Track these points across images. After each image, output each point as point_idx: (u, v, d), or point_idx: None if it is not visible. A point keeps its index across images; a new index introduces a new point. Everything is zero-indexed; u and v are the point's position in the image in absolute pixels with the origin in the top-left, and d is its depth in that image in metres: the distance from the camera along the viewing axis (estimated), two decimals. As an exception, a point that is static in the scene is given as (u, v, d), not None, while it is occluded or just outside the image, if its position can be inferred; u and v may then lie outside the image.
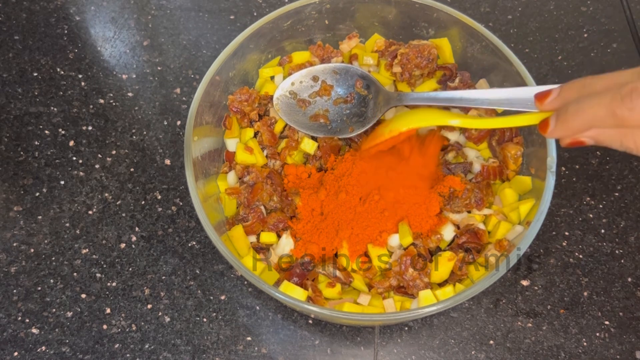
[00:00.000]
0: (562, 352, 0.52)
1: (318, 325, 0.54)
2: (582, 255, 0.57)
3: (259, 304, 0.55)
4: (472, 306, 0.54)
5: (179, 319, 0.54)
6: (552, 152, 0.48)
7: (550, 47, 0.70)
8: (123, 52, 0.71)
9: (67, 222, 0.59)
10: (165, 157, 0.63)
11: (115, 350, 0.52)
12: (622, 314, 0.53)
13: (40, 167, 0.62)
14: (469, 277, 0.49)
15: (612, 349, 0.52)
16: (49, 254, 0.57)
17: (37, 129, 0.65)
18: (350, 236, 0.51)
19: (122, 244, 0.58)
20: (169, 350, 0.52)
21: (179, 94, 0.67)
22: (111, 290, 0.55)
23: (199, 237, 0.58)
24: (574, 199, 0.59)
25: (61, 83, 0.68)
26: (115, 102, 0.67)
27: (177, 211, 0.60)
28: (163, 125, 0.65)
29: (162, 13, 0.74)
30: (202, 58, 0.70)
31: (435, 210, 0.52)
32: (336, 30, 0.62)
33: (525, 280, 0.55)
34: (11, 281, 0.56)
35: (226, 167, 0.57)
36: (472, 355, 0.52)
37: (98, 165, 0.62)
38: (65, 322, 0.54)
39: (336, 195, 0.52)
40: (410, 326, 0.53)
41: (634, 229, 0.58)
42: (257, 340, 0.53)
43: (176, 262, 0.57)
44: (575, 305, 0.54)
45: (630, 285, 0.55)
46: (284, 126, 0.58)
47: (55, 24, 0.73)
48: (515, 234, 0.49)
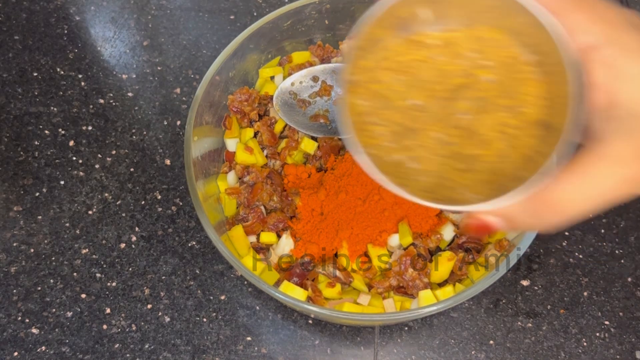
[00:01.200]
0: (562, 352, 0.52)
1: (318, 325, 0.54)
2: (582, 255, 0.57)
3: (259, 304, 0.55)
4: (472, 306, 0.54)
5: (178, 319, 0.54)
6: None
7: (550, 47, 0.70)
8: (123, 52, 0.71)
9: (67, 222, 0.59)
10: (165, 157, 0.63)
11: (115, 350, 0.52)
12: (622, 314, 0.53)
13: (40, 167, 0.62)
14: (469, 277, 0.49)
15: (612, 349, 0.52)
16: (49, 254, 0.57)
17: (37, 129, 0.65)
18: (350, 236, 0.51)
19: (122, 244, 0.58)
20: (168, 350, 0.52)
21: (179, 94, 0.67)
22: (111, 290, 0.55)
23: (199, 237, 0.58)
24: (574, 199, 0.59)
25: (61, 83, 0.68)
26: (115, 102, 0.67)
27: (177, 211, 0.60)
28: (163, 125, 0.65)
29: (162, 13, 0.74)
30: (202, 58, 0.70)
31: (435, 210, 0.52)
32: (336, 30, 0.62)
33: (525, 280, 0.55)
34: (11, 281, 0.56)
35: (226, 167, 0.57)
36: (472, 355, 0.52)
37: (98, 165, 0.62)
38: (65, 322, 0.54)
39: (336, 195, 0.52)
40: (410, 326, 0.53)
41: (634, 229, 0.58)
42: (257, 340, 0.53)
43: (176, 262, 0.57)
44: (575, 305, 0.54)
45: (630, 285, 0.55)
46: (284, 126, 0.58)
47: (55, 24, 0.73)
48: (515, 234, 0.49)
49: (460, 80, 0.33)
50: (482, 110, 0.32)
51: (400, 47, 0.33)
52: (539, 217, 0.29)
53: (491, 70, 0.32)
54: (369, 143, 0.33)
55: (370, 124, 0.33)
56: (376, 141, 0.33)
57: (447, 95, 0.33)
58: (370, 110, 0.33)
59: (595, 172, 0.27)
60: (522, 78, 0.31)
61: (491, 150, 0.32)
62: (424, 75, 0.33)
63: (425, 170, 0.33)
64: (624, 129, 0.27)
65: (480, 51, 0.33)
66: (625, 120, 0.27)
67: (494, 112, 0.32)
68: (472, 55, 0.32)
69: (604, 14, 0.28)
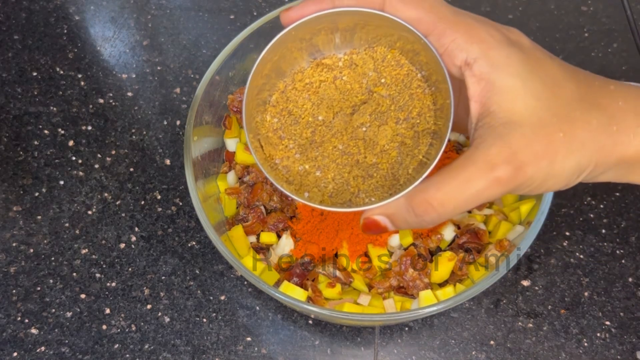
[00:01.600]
0: (562, 352, 0.52)
1: (318, 325, 0.54)
2: (583, 255, 0.56)
3: (259, 304, 0.55)
4: (472, 306, 0.54)
5: (178, 319, 0.54)
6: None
7: (550, 47, 0.70)
8: (123, 51, 0.71)
9: (66, 222, 0.59)
10: (165, 157, 0.63)
11: (114, 350, 0.52)
12: (623, 314, 0.53)
13: (39, 167, 0.62)
14: (470, 278, 0.49)
15: (613, 349, 0.52)
16: (49, 254, 0.57)
17: (37, 128, 0.65)
18: (350, 236, 0.51)
19: (121, 244, 0.58)
20: (168, 350, 0.52)
21: (178, 94, 0.67)
22: (111, 290, 0.55)
23: (199, 237, 0.58)
24: (574, 199, 0.59)
25: (61, 83, 0.68)
26: (114, 101, 0.67)
27: (177, 211, 0.60)
28: (163, 125, 0.65)
29: (162, 13, 0.74)
30: (202, 58, 0.70)
31: (435, 210, 0.52)
32: (336, 30, 0.62)
33: (525, 281, 0.55)
34: (10, 281, 0.56)
35: (226, 167, 0.57)
36: (472, 355, 0.52)
37: (97, 165, 0.62)
38: (64, 322, 0.54)
39: (336, 195, 0.52)
40: (411, 326, 0.53)
41: (634, 229, 0.58)
42: (257, 340, 0.53)
43: (176, 262, 0.57)
44: (576, 306, 0.54)
45: (631, 285, 0.55)
46: (284, 126, 0.58)
47: (55, 24, 0.73)
48: (516, 234, 0.49)
49: (362, 97, 0.38)
50: (381, 123, 0.37)
51: (310, 70, 0.39)
52: (418, 215, 0.32)
53: (388, 87, 0.38)
54: (282, 155, 0.38)
55: (282, 138, 0.39)
56: (287, 154, 0.38)
57: (350, 110, 0.38)
58: (281, 126, 0.39)
59: (469, 175, 0.30)
60: (414, 93, 0.37)
61: (388, 158, 0.37)
62: (330, 94, 0.39)
63: (330, 178, 0.37)
64: (495, 135, 0.30)
65: (379, 70, 0.38)
66: (496, 128, 0.30)
67: (391, 124, 0.37)
68: (372, 74, 0.38)
69: (478, 33, 0.32)
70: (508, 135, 0.30)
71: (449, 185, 0.31)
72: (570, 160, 0.31)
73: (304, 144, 0.38)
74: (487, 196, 0.31)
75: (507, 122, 0.30)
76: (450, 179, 0.31)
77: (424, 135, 0.36)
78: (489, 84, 0.31)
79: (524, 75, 0.31)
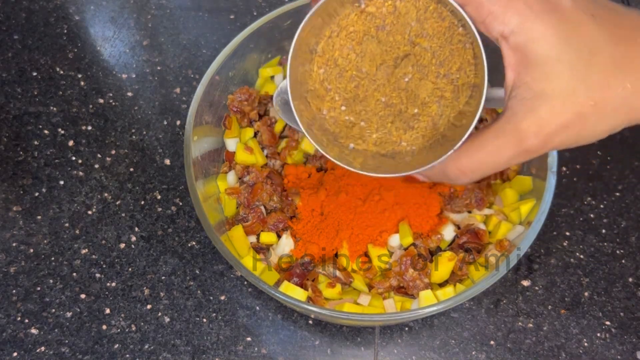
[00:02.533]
0: (562, 352, 0.52)
1: (318, 325, 0.53)
2: (583, 255, 0.56)
3: (259, 304, 0.55)
4: (472, 306, 0.54)
5: (178, 319, 0.54)
6: (553, 152, 0.48)
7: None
8: (123, 51, 0.71)
9: (66, 222, 0.59)
10: (165, 157, 0.63)
11: (114, 350, 0.52)
12: (623, 314, 0.53)
13: (39, 167, 0.62)
14: (470, 278, 0.49)
15: (613, 349, 0.52)
16: (49, 254, 0.57)
17: (37, 128, 0.65)
18: (350, 236, 0.51)
19: (121, 244, 0.58)
20: (168, 350, 0.52)
21: (178, 94, 0.67)
22: (111, 290, 0.55)
23: (199, 237, 0.58)
24: (574, 199, 0.59)
25: (60, 83, 0.68)
26: (114, 101, 0.67)
27: (176, 211, 0.60)
28: (163, 125, 0.65)
29: (162, 13, 0.74)
30: (202, 58, 0.70)
31: (435, 211, 0.52)
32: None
33: (525, 281, 0.55)
34: (10, 281, 0.56)
35: (226, 167, 0.57)
36: (472, 355, 0.52)
37: (97, 165, 0.62)
38: (64, 322, 0.54)
39: (336, 195, 0.52)
40: (411, 326, 0.53)
41: (635, 229, 0.58)
42: (257, 340, 0.53)
43: (176, 262, 0.57)
44: (576, 306, 0.54)
45: (631, 285, 0.55)
46: (284, 126, 0.58)
47: (55, 24, 0.73)
48: (516, 234, 0.49)
49: (405, 48, 0.39)
50: (422, 77, 0.38)
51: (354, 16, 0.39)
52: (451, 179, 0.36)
53: (430, 39, 0.38)
54: (329, 106, 0.40)
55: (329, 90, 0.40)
56: (334, 105, 0.40)
57: (392, 62, 0.39)
58: (327, 77, 0.40)
59: (499, 145, 0.33)
60: (454, 49, 0.37)
61: (429, 111, 0.38)
62: (372, 47, 0.39)
63: (374, 129, 0.40)
64: (526, 109, 0.32)
65: (421, 21, 0.38)
66: (528, 101, 0.31)
67: (432, 78, 0.38)
68: (415, 25, 0.38)
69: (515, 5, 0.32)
70: (539, 109, 0.31)
71: (479, 153, 0.34)
72: (602, 124, 0.32)
73: (349, 97, 0.40)
74: (515, 163, 0.34)
75: (539, 95, 0.31)
76: (481, 147, 0.34)
77: (464, 88, 0.37)
78: (524, 55, 0.31)
79: (559, 47, 0.31)
